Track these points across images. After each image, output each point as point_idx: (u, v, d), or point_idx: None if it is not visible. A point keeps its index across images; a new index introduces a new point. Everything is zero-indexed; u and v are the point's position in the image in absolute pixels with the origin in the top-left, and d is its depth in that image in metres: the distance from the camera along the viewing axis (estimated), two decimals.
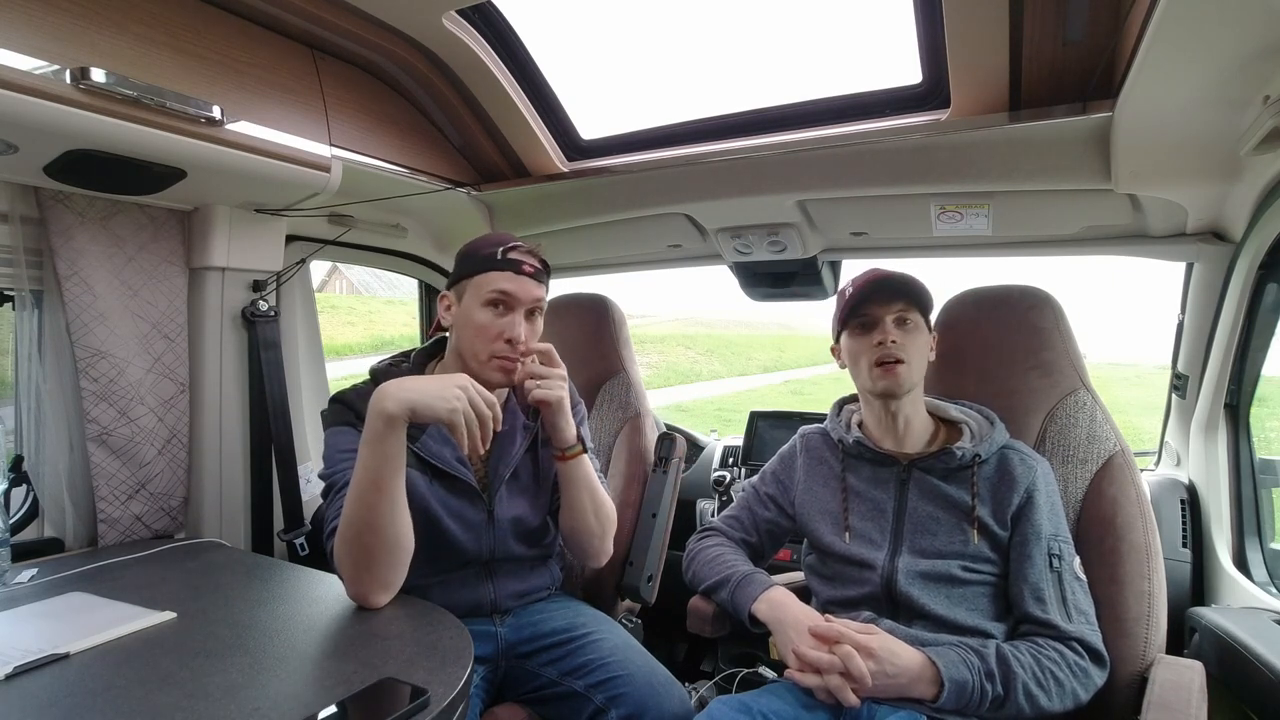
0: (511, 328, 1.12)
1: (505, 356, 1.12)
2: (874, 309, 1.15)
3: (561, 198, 1.77)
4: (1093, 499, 1.16)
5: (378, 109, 1.50)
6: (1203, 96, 0.97)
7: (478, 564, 1.20)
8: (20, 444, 1.32)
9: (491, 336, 1.12)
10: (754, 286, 1.93)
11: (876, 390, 1.15)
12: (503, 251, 1.14)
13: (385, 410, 0.95)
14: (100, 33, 1.03)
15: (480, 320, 1.12)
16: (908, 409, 1.17)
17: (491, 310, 1.13)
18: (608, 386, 1.64)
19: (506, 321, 1.12)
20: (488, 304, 1.13)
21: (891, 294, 1.14)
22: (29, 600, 1.02)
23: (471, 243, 1.19)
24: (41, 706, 0.73)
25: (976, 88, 1.20)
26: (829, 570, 1.19)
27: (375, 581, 0.99)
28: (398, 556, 0.99)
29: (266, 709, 0.72)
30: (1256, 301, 1.32)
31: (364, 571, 0.98)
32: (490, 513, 1.18)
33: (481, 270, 1.14)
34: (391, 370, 1.20)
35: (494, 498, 1.19)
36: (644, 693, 1.08)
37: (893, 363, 1.12)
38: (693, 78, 1.60)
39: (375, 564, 0.98)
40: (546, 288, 1.19)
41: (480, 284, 1.13)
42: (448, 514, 1.14)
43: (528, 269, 1.14)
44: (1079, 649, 1.00)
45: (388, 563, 0.98)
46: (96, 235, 1.31)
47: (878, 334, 1.14)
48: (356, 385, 1.19)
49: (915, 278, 1.16)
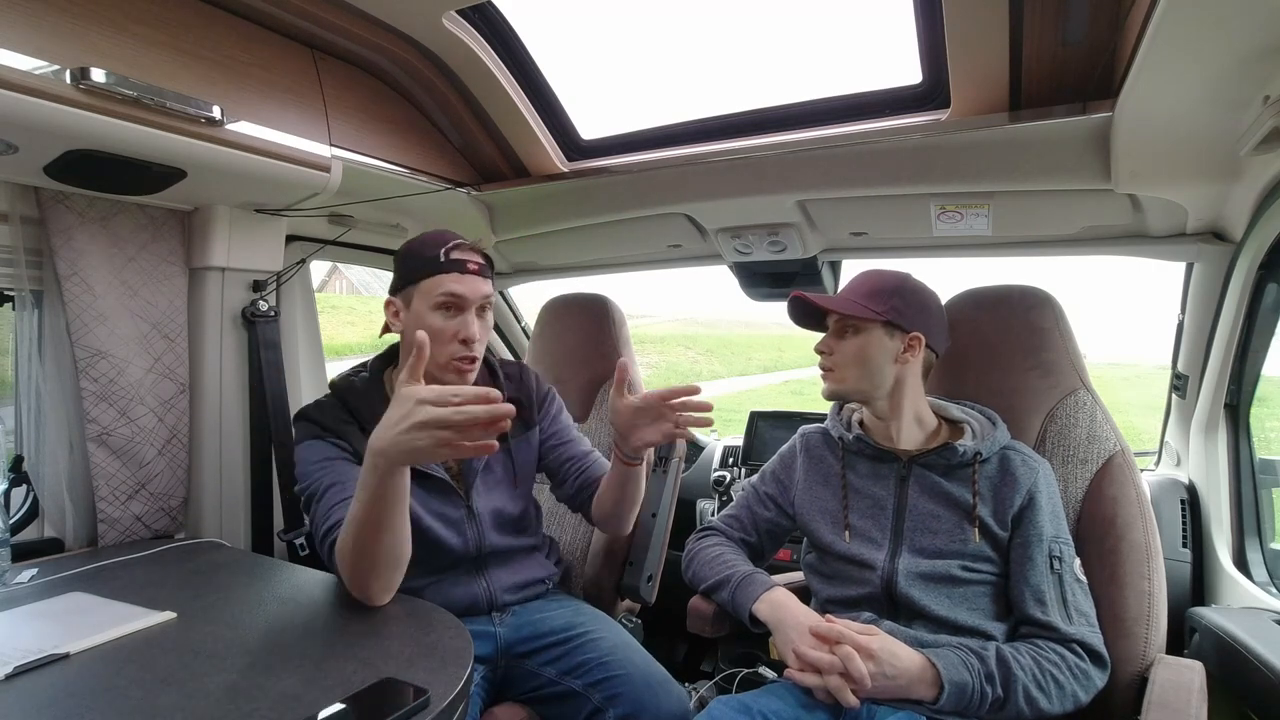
0: (465, 328, 1.12)
1: (462, 357, 1.12)
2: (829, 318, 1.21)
3: (561, 198, 1.77)
4: (1093, 499, 1.16)
5: (378, 109, 1.50)
6: (1203, 96, 0.97)
7: (467, 560, 1.21)
8: (20, 444, 1.32)
9: (447, 339, 1.11)
10: (754, 286, 1.93)
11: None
12: (446, 252, 1.13)
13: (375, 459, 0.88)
14: (100, 33, 1.03)
15: (433, 325, 1.11)
16: (905, 410, 1.17)
17: (443, 313, 1.12)
18: (608, 386, 1.64)
19: (459, 322, 1.12)
20: (438, 307, 1.12)
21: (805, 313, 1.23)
22: (29, 600, 1.02)
23: (410, 244, 1.19)
24: (41, 706, 0.73)
25: (976, 88, 1.20)
26: (829, 570, 1.19)
27: (379, 586, 0.99)
28: (400, 563, 1.00)
29: (266, 709, 0.72)
30: (1256, 301, 1.32)
31: (375, 579, 0.98)
32: (469, 507, 1.20)
33: (427, 274, 1.13)
34: (351, 381, 1.21)
35: (471, 491, 1.20)
36: (642, 692, 1.08)
37: (823, 370, 1.20)
38: (693, 78, 1.60)
39: (385, 571, 0.98)
40: (492, 282, 1.19)
41: (428, 288, 1.12)
42: (428, 513, 1.15)
43: (472, 267, 1.14)
44: (1079, 651, 1.00)
45: (391, 571, 0.99)
46: (96, 235, 1.31)
47: (822, 343, 1.21)
48: (318, 400, 1.21)
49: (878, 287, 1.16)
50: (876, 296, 1.15)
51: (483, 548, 1.21)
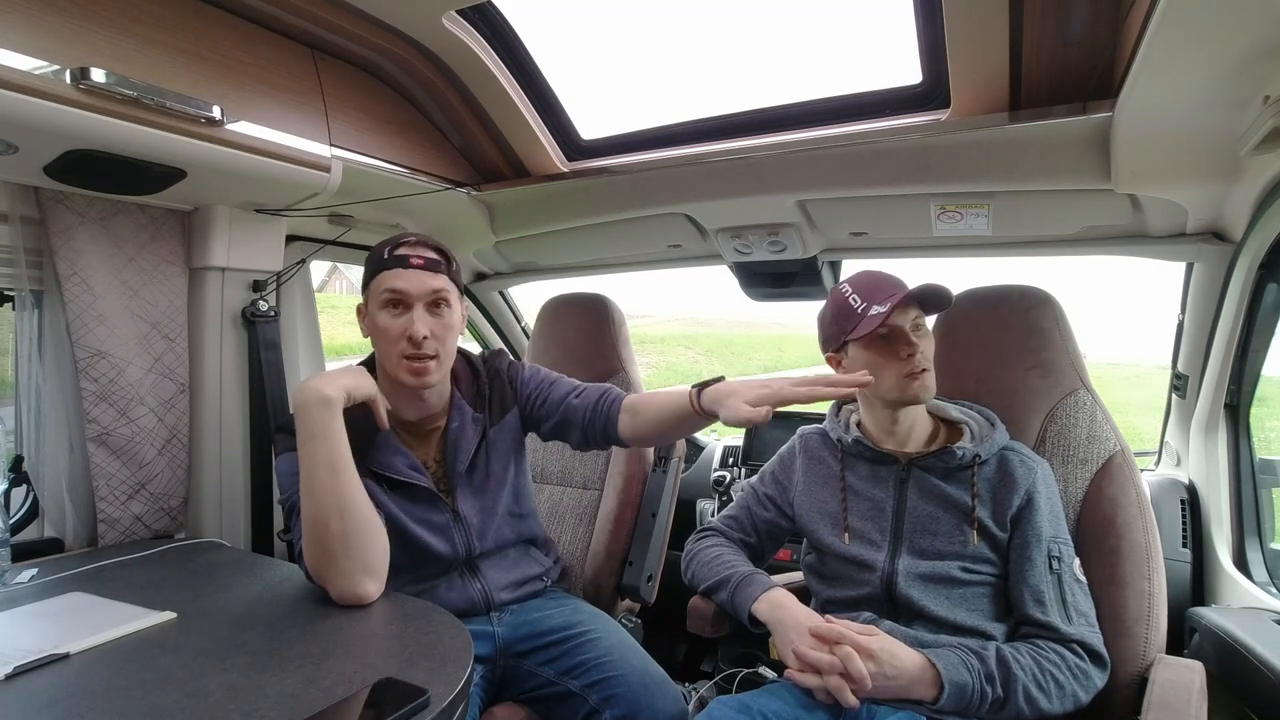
0: (410, 324, 1.10)
1: (411, 356, 1.11)
2: (896, 320, 1.12)
3: (561, 198, 1.77)
4: (1093, 499, 1.16)
5: (378, 109, 1.50)
6: (1203, 96, 0.96)
7: (458, 564, 1.20)
8: (20, 444, 1.32)
9: (394, 338, 1.11)
10: (754, 286, 1.93)
11: (906, 398, 1.12)
12: (389, 250, 1.13)
13: (323, 395, 1.00)
14: (100, 33, 1.02)
15: (381, 324, 1.11)
16: (913, 411, 1.17)
17: (390, 311, 1.12)
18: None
19: (405, 320, 1.11)
20: (384, 305, 1.12)
21: (907, 303, 1.12)
22: (29, 600, 1.02)
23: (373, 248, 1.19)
24: (41, 706, 0.73)
25: (976, 88, 1.20)
26: (828, 570, 1.19)
27: (359, 566, 0.98)
28: (374, 537, 1.00)
29: (266, 709, 0.72)
30: (1256, 301, 1.32)
31: (344, 559, 0.98)
32: (455, 511, 1.19)
33: (375, 273, 1.13)
34: None
35: (455, 497, 1.20)
36: (638, 693, 1.08)
37: (922, 371, 1.11)
38: (693, 78, 1.60)
39: (353, 548, 0.98)
40: (449, 276, 1.16)
41: (375, 288, 1.13)
42: (413, 521, 1.15)
43: (416, 261, 1.12)
44: (1079, 651, 1.00)
45: (367, 545, 0.99)
46: (96, 235, 1.31)
47: (903, 345, 1.11)
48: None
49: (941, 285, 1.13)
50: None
51: (472, 550, 1.20)
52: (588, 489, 1.62)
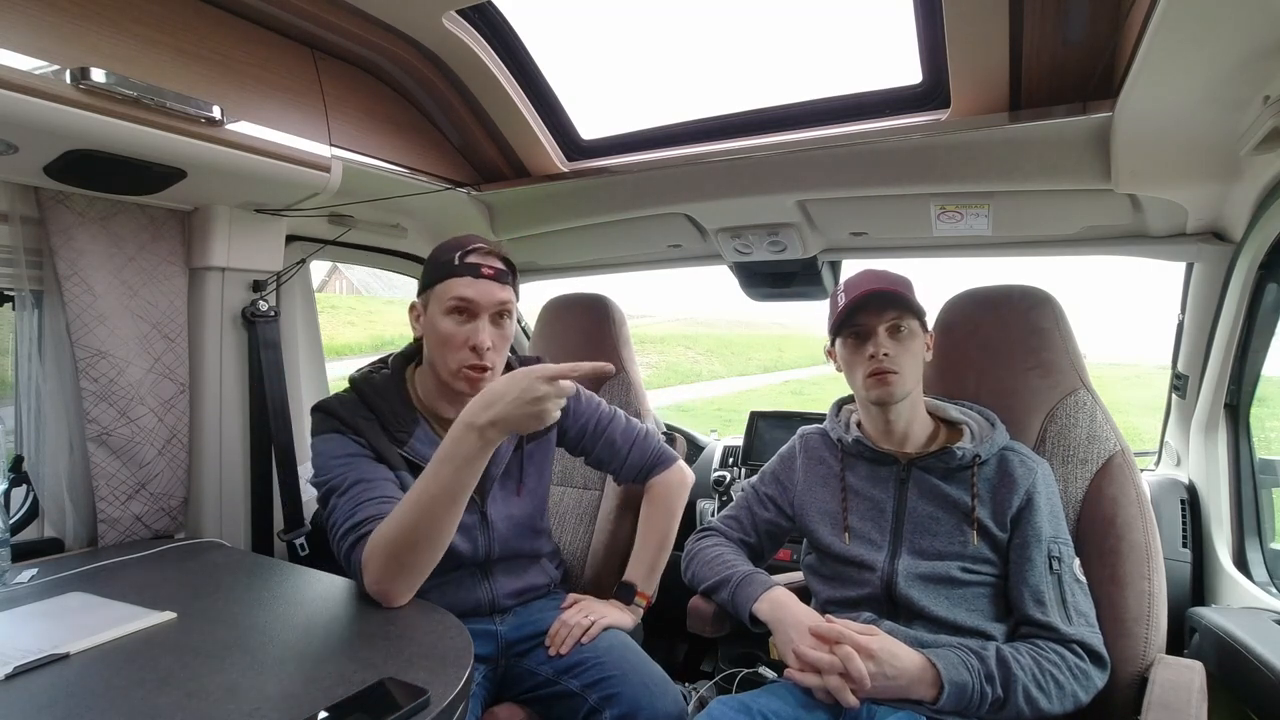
0: (475, 334, 1.09)
1: (472, 365, 1.10)
2: (867, 319, 1.13)
3: (561, 198, 1.77)
4: (1093, 499, 1.16)
5: (378, 109, 1.50)
6: (1203, 96, 0.97)
7: (473, 565, 1.20)
8: (20, 444, 1.32)
9: (456, 346, 1.10)
10: (754, 286, 1.93)
11: (870, 399, 1.15)
12: (460, 256, 1.11)
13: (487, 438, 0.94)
14: (100, 33, 1.03)
15: (444, 330, 1.10)
16: (906, 412, 1.17)
17: (454, 318, 1.10)
18: (608, 387, 1.64)
19: (470, 329, 1.10)
20: (450, 312, 1.10)
21: (884, 304, 1.13)
22: (29, 600, 1.02)
23: (436, 248, 1.17)
24: (41, 706, 0.73)
25: (976, 88, 1.20)
26: (828, 570, 1.19)
27: (409, 586, 0.99)
28: (436, 557, 1.00)
29: (266, 709, 0.72)
30: (1256, 301, 1.32)
31: (412, 576, 0.98)
32: (483, 513, 1.19)
33: (442, 277, 1.11)
34: (371, 377, 1.19)
35: (486, 498, 1.19)
36: (638, 693, 1.08)
37: (885, 373, 1.11)
38: (693, 78, 1.60)
39: (419, 572, 0.98)
40: (513, 289, 1.16)
41: (441, 292, 1.11)
42: None
43: (487, 271, 1.11)
44: (1079, 651, 1.00)
45: (428, 570, 0.99)
46: (96, 235, 1.31)
47: (871, 345, 1.12)
48: (338, 394, 1.19)
49: (906, 282, 1.15)
50: (909, 291, 1.14)
51: (491, 554, 1.20)
52: (588, 489, 1.62)
